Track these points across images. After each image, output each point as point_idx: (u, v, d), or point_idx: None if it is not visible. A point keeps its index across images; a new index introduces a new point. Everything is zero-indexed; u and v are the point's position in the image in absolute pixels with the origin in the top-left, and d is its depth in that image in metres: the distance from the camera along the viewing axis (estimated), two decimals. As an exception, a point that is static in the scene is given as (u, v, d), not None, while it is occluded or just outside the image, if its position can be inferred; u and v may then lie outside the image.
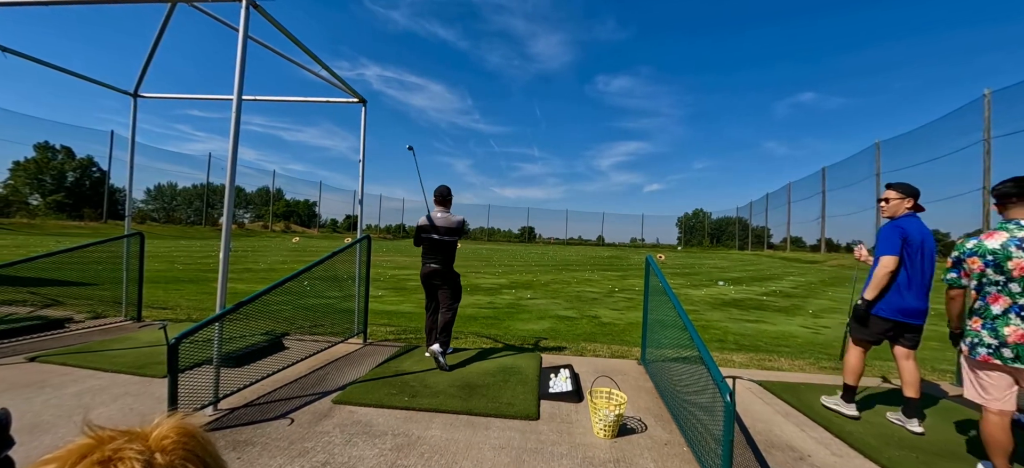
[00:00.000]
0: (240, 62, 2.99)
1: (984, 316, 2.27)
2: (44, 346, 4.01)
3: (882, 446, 2.73)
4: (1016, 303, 2.16)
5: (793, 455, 2.63)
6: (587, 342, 5.22)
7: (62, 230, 25.22)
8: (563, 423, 2.89)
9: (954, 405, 3.55)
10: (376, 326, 5.49)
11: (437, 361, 3.77)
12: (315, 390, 3.28)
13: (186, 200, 43.93)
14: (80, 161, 34.77)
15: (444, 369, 3.73)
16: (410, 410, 2.98)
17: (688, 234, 59.70)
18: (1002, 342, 2.18)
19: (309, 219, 51.30)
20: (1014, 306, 2.16)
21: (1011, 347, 2.15)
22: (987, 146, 6.28)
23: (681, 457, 2.51)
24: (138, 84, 5.18)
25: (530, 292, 9.78)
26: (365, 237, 4.71)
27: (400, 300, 8.02)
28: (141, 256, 5.29)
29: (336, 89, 4.78)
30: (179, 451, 0.48)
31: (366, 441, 2.53)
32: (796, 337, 6.17)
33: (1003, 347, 2.17)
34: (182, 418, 0.52)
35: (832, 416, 3.18)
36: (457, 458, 2.39)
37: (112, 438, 0.47)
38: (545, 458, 2.43)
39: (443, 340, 3.84)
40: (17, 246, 15.11)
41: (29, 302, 5.29)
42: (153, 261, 12.32)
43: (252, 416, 2.80)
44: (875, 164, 26.11)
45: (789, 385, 3.84)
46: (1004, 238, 2.21)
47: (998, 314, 2.21)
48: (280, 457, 2.32)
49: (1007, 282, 2.18)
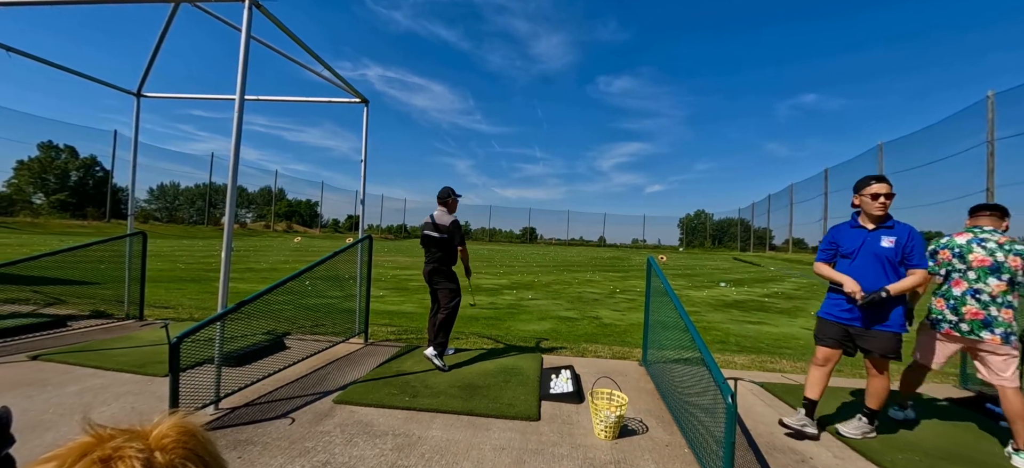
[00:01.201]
0: (242, 62, 2.99)
1: (947, 297, 2.88)
2: (46, 345, 4.03)
3: (885, 449, 2.71)
4: (972, 287, 2.77)
5: (795, 457, 2.61)
6: (588, 343, 5.21)
7: (66, 229, 25.32)
8: (564, 424, 2.89)
9: (957, 409, 3.53)
10: (377, 326, 5.49)
11: (433, 363, 3.78)
12: (316, 390, 3.28)
13: (189, 200, 44.09)
14: (83, 160, 34.92)
15: (441, 370, 3.73)
16: (411, 410, 2.97)
17: (689, 235, 59.58)
18: (961, 318, 2.79)
19: (311, 219, 51.38)
20: (970, 290, 2.78)
21: (968, 323, 2.76)
22: (990, 148, 6.27)
23: (682, 459, 2.50)
24: (141, 84, 5.20)
25: (531, 293, 9.77)
26: (367, 237, 4.71)
27: (402, 300, 8.02)
28: (143, 255, 5.30)
29: (338, 89, 4.79)
30: (179, 450, 0.48)
31: (367, 441, 2.53)
32: (798, 339, 6.14)
33: (961, 322, 2.78)
34: (182, 417, 0.52)
35: (834, 419, 3.16)
36: (458, 458, 2.39)
37: (112, 436, 0.47)
38: (546, 459, 2.42)
39: (439, 342, 3.83)
40: (21, 245, 15.17)
41: (31, 301, 5.31)
42: (155, 260, 12.36)
43: (253, 415, 2.80)
44: (878, 166, 26.05)
45: (791, 387, 3.82)
46: (969, 237, 2.88)
47: (958, 295, 2.82)
48: (281, 457, 2.32)
49: (966, 270, 2.81)
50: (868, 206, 2.73)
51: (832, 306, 2.86)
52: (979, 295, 2.72)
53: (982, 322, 2.70)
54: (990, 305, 2.69)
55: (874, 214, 2.71)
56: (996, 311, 2.66)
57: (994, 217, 2.88)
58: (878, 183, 2.71)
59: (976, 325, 2.71)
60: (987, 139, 18.47)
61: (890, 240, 2.67)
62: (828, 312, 2.88)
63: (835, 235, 2.91)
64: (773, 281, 15.40)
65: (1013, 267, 2.67)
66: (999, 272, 2.69)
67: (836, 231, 2.92)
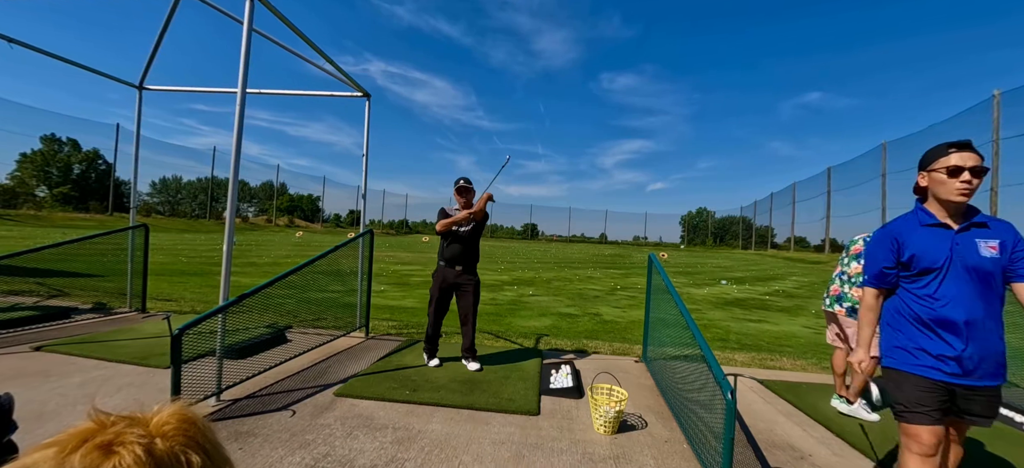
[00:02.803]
0: (244, 54, 2.99)
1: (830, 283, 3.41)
2: (49, 336, 4.05)
3: (881, 445, 2.72)
4: (841, 270, 3.31)
5: (794, 454, 2.62)
6: (589, 339, 5.21)
7: (69, 222, 25.41)
8: (564, 419, 2.90)
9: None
10: (378, 321, 5.50)
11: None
12: (317, 383, 3.30)
13: (191, 194, 44.22)
14: (86, 153, 35.00)
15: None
16: (411, 404, 2.99)
17: (691, 233, 59.50)
18: (826, 294, 3.41)
19: (313, 214, 51.52)
20: (839, 273, 3.34)
21: (830, 297, 3.34)
22: (995, 147, 6.25)
23: (681, 454, 2.51)
24: (144, 76, 5.20)
25: (532, 289, 9.78)
26: (368, 231, 4.72)
27: (403, 295, 8.04)
28: (145, 248, 5.32)
29: (340, 83, 4.78)
30: (180, 437, 0.49)
31: (367, 434, 2.54)
32: (798, 337, 6.14)
33: (826, 297, 3.40)
34: (183, 405, 0.52)
35: (833, 416, 3.17)
36: (457, 452, 2.40)
37: (114, 423, 0.47)
38: (545, 453, 2.43)
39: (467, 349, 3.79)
40: (24, 237, 15.24)
41: (35, 293, 5.34)
42: (158, 254, 12.40)
43: (254, 407, 2.81)
44: (881, 165, 25.92)
45: (791, 385, 3.82)
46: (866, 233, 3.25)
47: (831, 278, 3.41)
48: (281, 448, 2.34)
49: (844, 257, 3.32)
50: (943, 188, 1.68)
51: (929, 348, 1.68)
52: (842, 276, 3.29)
53: (836, 297, 3.29)
54: (845, 284, 3.25)
55: (953, 200, 1.66)
56: (849, 289, 3.22)
57: None
58: (961, 152, 1.65)
59: (832, 299, 3.32)
60: (992, 139, 18.37)
61: (992, 245, 1.64)
62: (924, 364, 1.69)
63: (898, 235, 1.78)
64: (774, 279, 15.37)
65: None
66: (861, 258, 3.15)
67: (898, 230, 1.79)
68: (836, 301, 3.28)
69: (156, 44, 4.85)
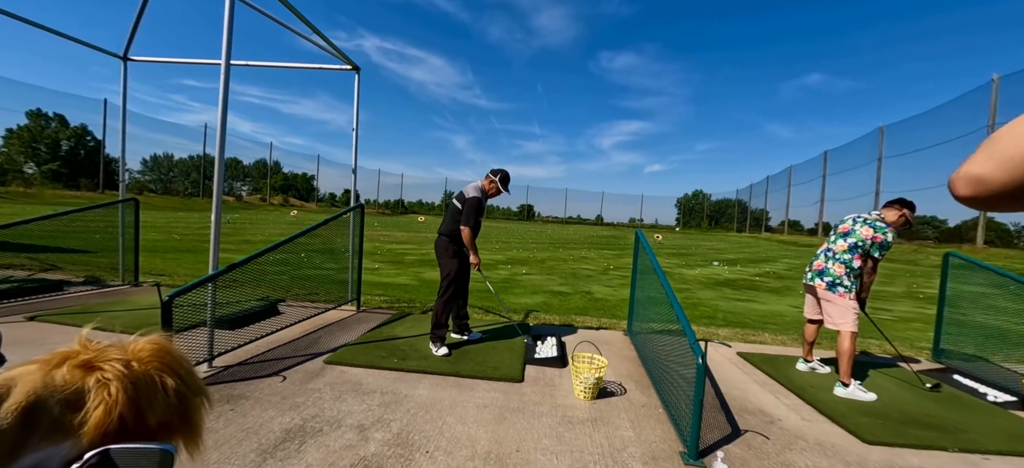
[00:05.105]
0: (227, 22, 2.95)
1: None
2: (42, 307, 4.10)
3: (850, 413, 2.85)
4: (827, 247, 3.44)
5: (764, 419, 2.74)
6: (578, 315, 5.32)
7: (59, 199, 25.12)
8: (546, 386, 3.00)
9: (926, 377, 3.67)
10: (371, 295, 5.58)
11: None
12: (307, 351, 3.38)
13: (183, 171, 43.64)
14: (74, 130, 34.32)
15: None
16: (399, 371, 3.08)
17: (687, 215, 59.72)
18: (809, 268, 3.52)
19: (307, 193, 51.12)
20: (825, 249, 3.46)
21: (812, 272, 3.47)
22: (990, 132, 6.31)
23: (656, 418, 2.62)
24: (127, 47, 5.10)
25: (526, 268, 9.88)
26: (359, 205, 4.75)
27: (397, 273, 8.11)
28: (136, 222, 5.33)
29: (329, 56, 4.72)
30: (154, 362, 0.54)
31: (355, 398, 2.63)
32: (784, 316, 6.29)
33: (808, 271, 3.52)
34: (160, 336, 0.58)
35: (806, 384, 3.30)
36: (442, 414, 2.50)
37: (96, 346, 0.52)
38: (526, 416, 2.54)
39: (434, 334, 3.51)
40: (14, 214, 15.09)
41: (27, 267, 5.35)
42: (150, 232, 12.36)
43: (246, 373, 2.90)
44: (878, 148, 25.98)
45: (768, 357, 3.95)
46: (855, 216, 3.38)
47: (816, 254, 3.53)
48: (272, 410, 2.42)
49: (832, 234, 3.49)
50: None
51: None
52: (827, 252, 3.40)
53: (818, 271, 3.40)
54: (829, 260, 3.35)
55: None
56: (831, 265, 3.32)
57: (890, 209, 3.30)
58: None
59: (814, 274, 3.43)
60: (988, 123, 18.38)
61: None
62: None
63: None
64: (766, 261, 15.57)
65: (863, 236, 3.19)
66: (847, 236, 3.28)
67: None
68: (817, 275, 3.40)
69: (140, 11, 4.75)
